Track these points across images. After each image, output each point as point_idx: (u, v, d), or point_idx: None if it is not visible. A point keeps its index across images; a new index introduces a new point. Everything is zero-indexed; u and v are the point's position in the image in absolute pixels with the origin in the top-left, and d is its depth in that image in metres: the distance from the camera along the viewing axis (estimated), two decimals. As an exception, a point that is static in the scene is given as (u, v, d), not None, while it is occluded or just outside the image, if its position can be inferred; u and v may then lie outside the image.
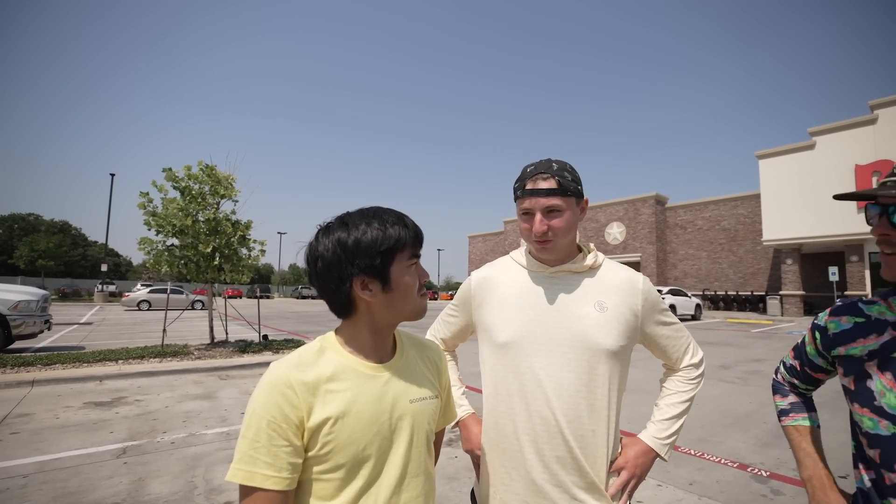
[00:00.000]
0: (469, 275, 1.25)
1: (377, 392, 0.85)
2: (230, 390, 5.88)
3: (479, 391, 1.24)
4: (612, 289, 1.11)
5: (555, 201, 1.05)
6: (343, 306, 0.86)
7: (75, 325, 14.52)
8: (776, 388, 1.14)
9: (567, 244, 1.11)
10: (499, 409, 1.09)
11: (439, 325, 1.34)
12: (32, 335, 8.39)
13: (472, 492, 1.22)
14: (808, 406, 1.08)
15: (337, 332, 0.91)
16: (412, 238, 0.86)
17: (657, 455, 1.13)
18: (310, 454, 0.78)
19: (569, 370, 1.04)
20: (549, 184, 1.05)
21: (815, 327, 1.01)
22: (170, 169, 8.30)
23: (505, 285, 1.16)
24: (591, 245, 1.19)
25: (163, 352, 7.82)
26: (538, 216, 1.06)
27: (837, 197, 0.87)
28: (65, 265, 50.86)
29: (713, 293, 27.66)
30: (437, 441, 1.08)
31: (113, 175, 32.55)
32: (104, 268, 31.20)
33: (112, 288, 36.58)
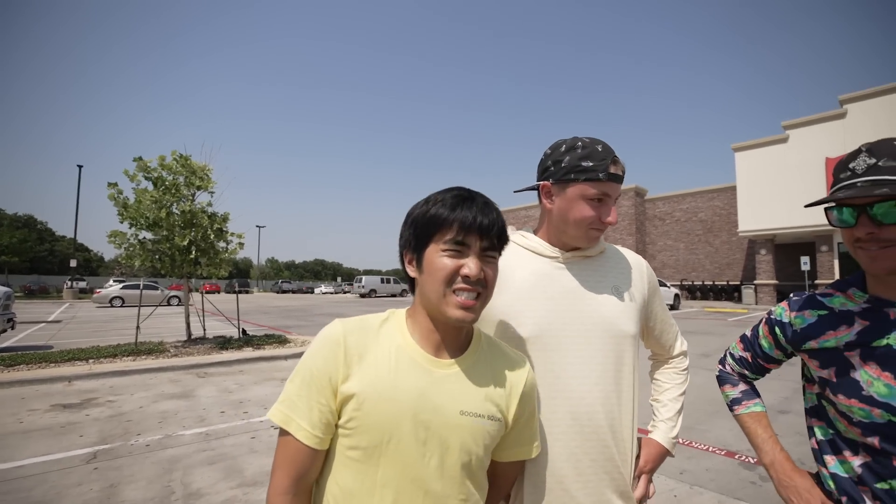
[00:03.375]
0: None
1: (423, 387, 0.76)
2: (209, 388, 5.67)
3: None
4: (624, 273, 1.07)
5: (620, 189, 1.00)
6: (407, 280, 0.85)
7: (42, 324, 13.89)
8: (725, 379, 1.16)
9: None
10: None
11: None
12: (-5, 334, 7.97)
13: None
14: (756, 393, 1.13)
15: (408, 310, 0.86)
16: (458, 223, 0.75)
17: (668, 454, 1.12)
18: (339, 421, 0.75)
19: (598, 362, 0.96)
20: (620, 170, 0.98)
21: (774, 323, 1.03)
22: (140, 158, 7.94)
23: (514, 272, 1.03)
24: None
25: (137, 350, 7.52)
26: (614, 205, 0.99)
27: (810, 205, 0.91)
28: (30, 261, 48.82)
29: (690, 283, 28.32)
30: (509, 475, 0.93)
31: (81, 167, 31.21)
32: (73, 263, 30.00)
33: (83, 284, 35.38)
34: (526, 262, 1.05)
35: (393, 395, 0.74)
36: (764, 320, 1.07)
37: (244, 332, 9.55)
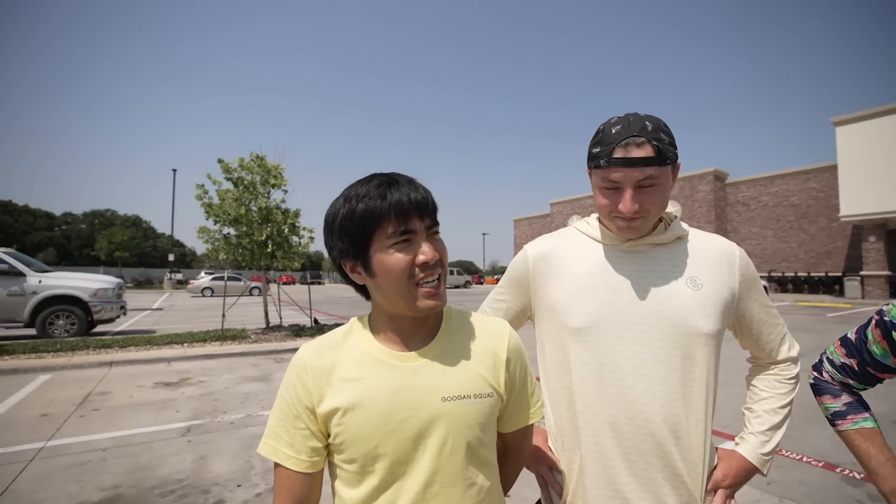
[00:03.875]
0: (524, 250, 1.06)
1: (395, 385, 0.74)
2: (284, 373, 6.08)
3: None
4: (707, 263, 0.94)
5: (651, 173, 0.85)
6: (357, 288, 0.82)
7: (148, 311, 15.75)
8: (823, 389, 1.01)
9: (652, 221, 0.93)
10: (573, 407, 0.93)
11: (485, 311, 1.16)
12: (111, 320, 9.16)
13: None
14: (865, 405, 0.96)
15: (369, 315, 0.84)
16: (395, 211, 0.71)
17: (757, 472, 0.96)
18: (329, 441, 0.76)
19: (659, 359, 0.87)
20: (645, 151, 0.83)
21: (890, 326, 0.88)
22: (222, 160, 8.64)
23: (572, 260, 0.98)
24: (674, 212, 1.00)
25: (223, 335, 8.26)
26: (628, 193, 0.86)
27: None
28: (138, 256, 55.37)
29: (780, 275, 25.61)
30: (521, 444, 0.92)
31: (175, 170, 34.76)
32: (171, 258, 33.66)
33: (179, 276, 39.53)
34: (588, 250, 0.99)
35: (367, 400, 0.72)
36: (874, 322, 0.92)
37: (316, 321, 10.13)
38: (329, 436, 0.75)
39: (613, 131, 0.86)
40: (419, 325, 0.79)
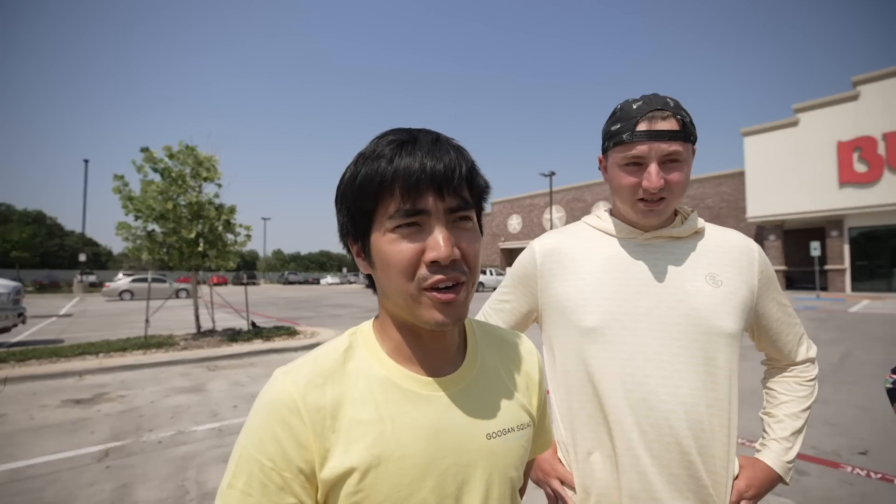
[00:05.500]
0: (531, 247, 1.00)
1: (433, 423, 0.54)
2: (220, 382, 5.62)
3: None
4: (726, 259, 0.90)
5: (677, 147, 0.82)
6: (366, 277, 0.60)
7: (53, 318, 13.97)
8: None
9: (675, 206, 0.90)
10: (600, 413, 0.86)
11: (488, 313, 1.06)
12: (5, 329, 7.97)
13: None
14: None
15: (374, 322, 0.61)
16: (402, 180, 0.50)
17: (780, 481, 0.92)
18: None
19: (682, 361, 0.82)
20: (671, 124, 0.82)
21: None
22: (147, 149, 7.84)
23: (583, 256, 0.93)
24: (687, 207, 0.97)
25: (147, 343, 7.49)
26: (654, 167, 0.82)
27: None
28: (41, 256, 49.30)
29: (699, 271, 28.07)
30: (527, 474, 0.80)
31: (87, 161, 31.22)
32: (82, 258, 30.16)
33: (92, 278, 35.67)
34: (599, 246, 0.93)
35: (399, 451, 0.52)
36: None
37: (254, 324, 9.51)
38: None
39: (635, 107, 0.84)
40: (441, 340, 0.58)
